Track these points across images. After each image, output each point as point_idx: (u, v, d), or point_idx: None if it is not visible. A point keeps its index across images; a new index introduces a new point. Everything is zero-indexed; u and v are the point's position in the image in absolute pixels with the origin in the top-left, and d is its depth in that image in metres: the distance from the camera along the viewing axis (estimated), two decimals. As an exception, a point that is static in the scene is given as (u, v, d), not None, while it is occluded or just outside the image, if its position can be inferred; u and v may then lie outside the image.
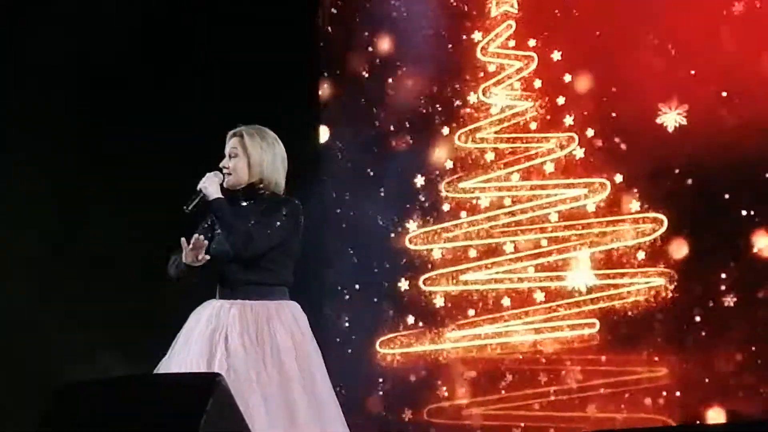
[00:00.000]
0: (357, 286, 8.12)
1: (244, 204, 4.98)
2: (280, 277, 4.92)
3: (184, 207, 4.91)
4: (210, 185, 4.90)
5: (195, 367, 4.71)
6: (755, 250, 6.95)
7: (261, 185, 4.97)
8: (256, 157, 4.95)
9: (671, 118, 7.18)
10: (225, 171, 4.96)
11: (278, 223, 4.87)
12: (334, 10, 8.39)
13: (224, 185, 4.97)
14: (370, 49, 8.30)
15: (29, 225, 7.49)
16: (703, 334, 7.06)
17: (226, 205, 4.89)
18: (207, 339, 4.78)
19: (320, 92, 8.37)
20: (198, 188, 4.91)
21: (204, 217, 5.04)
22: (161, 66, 7.72)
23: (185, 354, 4.80)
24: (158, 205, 7.10)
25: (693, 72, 7.11)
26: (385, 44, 8.26)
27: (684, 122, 7.14)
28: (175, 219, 5.00)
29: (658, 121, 7.21)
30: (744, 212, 6.96)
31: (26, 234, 7.48)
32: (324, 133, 8.35)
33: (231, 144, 4.99)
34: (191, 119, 7.43)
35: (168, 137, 7.50)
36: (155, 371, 4.88)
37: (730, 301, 6.98)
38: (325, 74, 8.38)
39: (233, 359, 4.70)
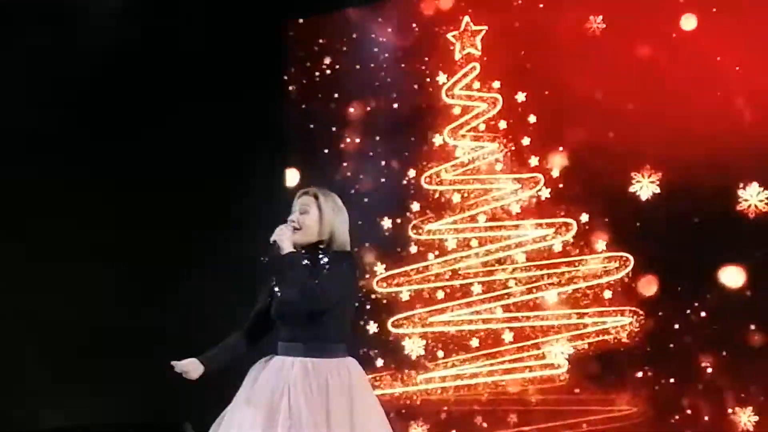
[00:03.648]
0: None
1: (305, 262, 4.89)
2: (340, 334, 4.87)
3: (261, 258, 4.87)
4: (283, 239, 4.86)
5: (256, 425, 4.69)
6: (723, 284, 6.94)
7: (322, 245, 4.94)
8: (328, 215, 4.93)
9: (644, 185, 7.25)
10: (294, 226, 4.90)
11: (343, 276, 4.84)
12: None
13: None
14: (335, 94, 8.35)
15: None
16: (672, 369, 7.08)
17: (299, 260, 4.85)
18: (268, 396, 4.74)
19: (286, 134, 8.40)
20: (272, 240, 4.86)
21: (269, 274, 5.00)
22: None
23: (246, 411, 4.76)
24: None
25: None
26: (349, 88, 8.31)
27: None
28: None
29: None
30: (710, 247, 6.95)
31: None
32: (291, 177, 8.36)
33: (303, 201, 4.96)
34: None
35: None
36: (215, 424, 4.84)
37: (697, 336, 7.01)
38: (291, 116, 8.43)
39: (295, 418, 4.66)
